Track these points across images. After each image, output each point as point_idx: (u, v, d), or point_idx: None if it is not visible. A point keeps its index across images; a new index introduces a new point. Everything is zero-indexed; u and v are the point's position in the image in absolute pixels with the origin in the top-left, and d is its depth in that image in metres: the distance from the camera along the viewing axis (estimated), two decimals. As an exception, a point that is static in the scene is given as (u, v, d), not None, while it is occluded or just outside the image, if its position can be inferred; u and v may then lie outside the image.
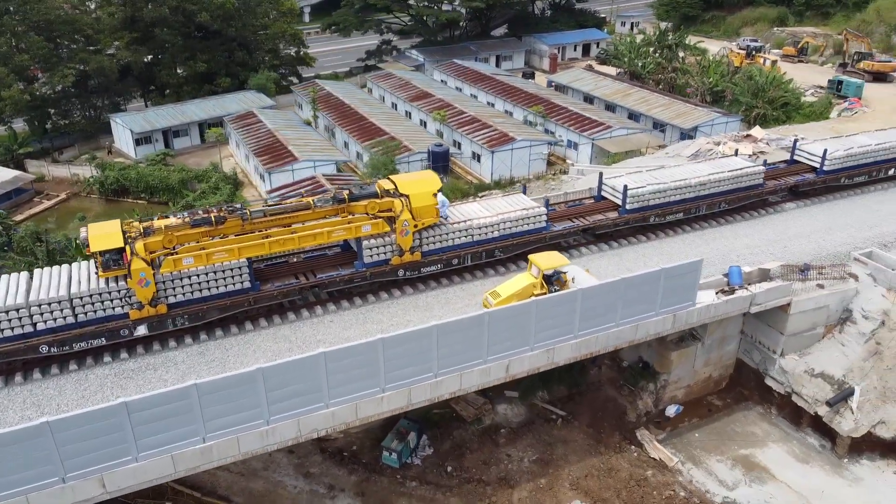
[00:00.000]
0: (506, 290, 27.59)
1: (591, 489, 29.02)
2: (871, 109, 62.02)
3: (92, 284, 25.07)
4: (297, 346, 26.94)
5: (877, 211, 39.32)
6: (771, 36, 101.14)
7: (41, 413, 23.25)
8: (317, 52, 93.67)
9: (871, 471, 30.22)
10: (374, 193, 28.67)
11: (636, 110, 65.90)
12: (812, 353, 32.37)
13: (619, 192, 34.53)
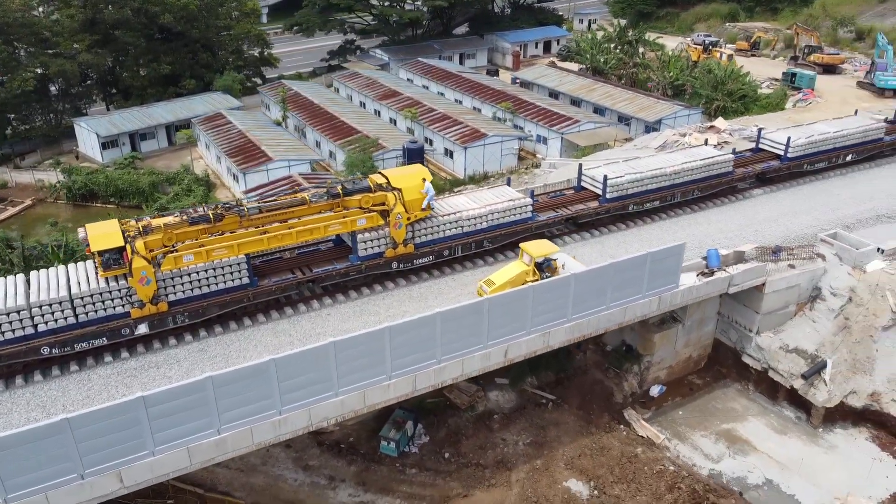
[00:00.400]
0: (500, 278, 28.45)
1: (586, 468, 30.11)
2: (823, 100, 64.85)
3: (92, 284, 25.08)
4: (297, 339, 27.34)
5: (838, 195, 41.40)
6: (723, 31, 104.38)
7: (47, 414, 23.23)
8: (279, 52, 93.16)
9: (845, 438, 32.00)
10: (368, 188, 29.23)
11: (601, 105, 67.55)
12: (785, 330, 34.05)
13: (599, 182, 35.74)
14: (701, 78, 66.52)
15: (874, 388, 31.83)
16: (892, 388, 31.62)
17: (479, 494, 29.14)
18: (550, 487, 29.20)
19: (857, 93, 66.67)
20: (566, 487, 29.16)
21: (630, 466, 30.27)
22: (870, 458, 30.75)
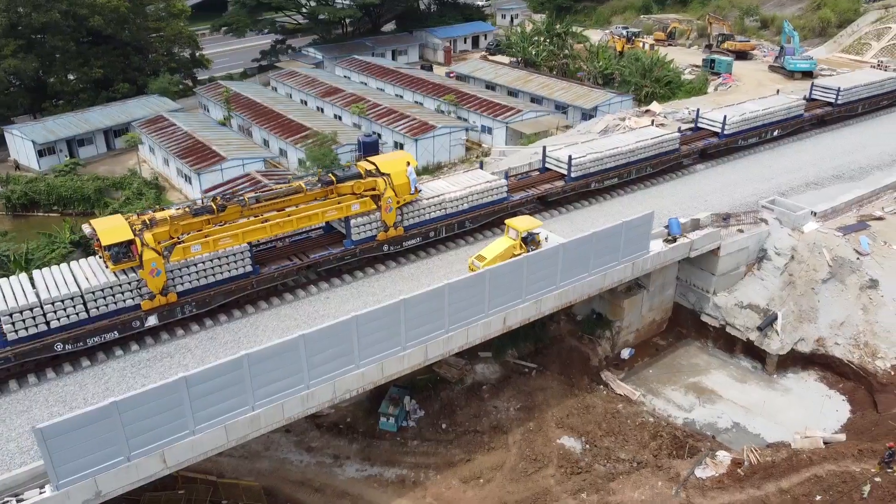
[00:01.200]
0: (490, 253, 30.27)
1: (575, 425, 32.37)
2: (741, 83, 69.92)
3: (101, 279, 25.31)
4: (301, 322, 28.32)
5: (770, 166, 45.44)
6: (639, 23, 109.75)
7: (69, 408, 23.47)
8: (207, 53, 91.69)
9: (797, 381, 35.62)
10: (359, 174, 30.47)
11: (539, 94, 70.44)
12: (738, 289, 37.44)
13: (563, 162, 38.14)
14: (630, 66, 70.42)
15: (819, 334, 35.56)
16: (834, 333, 35.43)
17: (480, 458, 30.92)
18: (546, 445, 31.29)
19: (770, 76, 72.20)
20: (560, 444, 31.33)
21: (614, 421, 32.73)
22: (820, 396, 34.42)
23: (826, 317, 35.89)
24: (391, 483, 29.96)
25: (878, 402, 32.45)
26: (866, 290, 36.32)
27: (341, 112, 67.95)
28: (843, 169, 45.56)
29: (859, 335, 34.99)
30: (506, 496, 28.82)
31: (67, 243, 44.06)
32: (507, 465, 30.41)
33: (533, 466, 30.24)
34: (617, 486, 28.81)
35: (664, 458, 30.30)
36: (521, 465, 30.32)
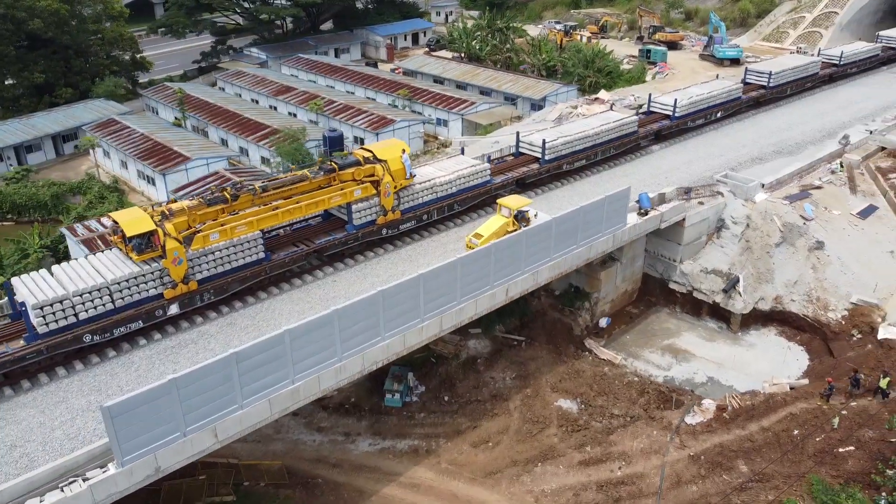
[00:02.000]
0: (486, 231, 32.20)
1: (569, 389, 34.71)
2: (677, 71, 74.31)
3: (126, 270, 25.86)
4: (314, 305, 29.49)
5: (717, 144, 49.15)
6: (570, 17, 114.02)
7: (106, 396, 24.04)
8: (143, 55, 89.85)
9: (759, 337, 39.06)
10: (358, 161, 31.82)
11: (487, 87, 72.77)
12: (701, 257, 40.65)
13: (537, 147, 40.44)
14: (572, 57, 73.66)
15: (776, 292, 39.13)
16: (789, 291, 39.08)
17: (485, 424, 32.84)
18: (545, 408, 33.49)
19: (701, 64, 77.00)
20: (558, 406, 33.59)
21: (603, 382, 35.25)
22: (781, 348, 37.94)
23: (781, 277, 39.53)
24: (405, 453, 31.50)
25: (833, 348, 36.16)
26: (814, 252, 40.18)
27: (296, 110, 68.41)
28: (781, 145, 49.74)
29: (811, 291, 38.75)
30: (515, 455, 30.84)
31: (37, 248, 43.43)
32: (511, 429, 32.46)
33: (536, 427, 32.39)
34: (616, 438, 31.28)
35: (654, 410, 33.01)
36: (524, 427, 32.42)
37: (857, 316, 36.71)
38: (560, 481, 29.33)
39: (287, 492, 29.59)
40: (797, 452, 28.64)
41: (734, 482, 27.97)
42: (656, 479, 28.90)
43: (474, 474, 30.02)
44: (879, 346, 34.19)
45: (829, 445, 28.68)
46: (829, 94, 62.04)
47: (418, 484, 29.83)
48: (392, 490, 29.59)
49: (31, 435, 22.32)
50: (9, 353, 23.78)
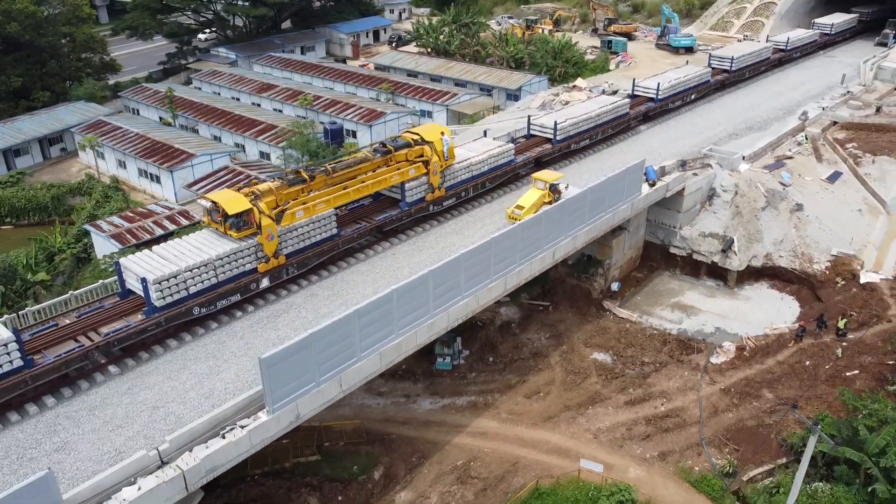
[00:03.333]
0: (526, 202, 35.53)
1: (600, 343, 38.46)
2: (637, 60, 79.41)
3: (227, 246, 27.92)
4: (380, 276, 32.02)
5: (696, 123, 53.92)
6: (520, 12, 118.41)
7: (222, 361, 26.18)
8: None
9: (753, 291, 43.76)
10: (408, 143, 34.58)
11: (462, 79, 76.03)
12: (698, 223, 45.09)
13: (549, 128, 43.94)
14: (541, 49, 77.70)
15: (766, 250, 43.93)
16: (777, 249, 43.95)
17: (532, 378, 36.21)
18: (583, 361, 37.13)
19: (658, 52, 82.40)
20: (594, 358, 37.29)
21: (628, 336, 39.18)
22: (774, 299, 42.74)
23: (769, 236, 44.38)
24: (465, 408, 34.54)
25: (821, 295, 41.12)
26: (795, 213, 45.23)
27: (281, 106, 69.98)
28: (750, 122, 54.95)
29: (796, 248, 43.74)
30: (566, 402, 34.34)
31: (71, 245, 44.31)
32: (557, 380, 35.94)
33: (578, 378, 36.00)
34: (653, 381, 35.19)
35: (679, 356, 37.12)
36: (568, 378, 35.97)
37: (839, 266, 41.83)
38: (611, 419, 33.00)
39: (367, 448, 32.21)
40: (812, 379, 33.18)
41: (763, 407, 32.25)
42: (695, 411, 32.92)
43: (533, 420, 33.35)
44: (863, 289, 39.28)
45: (837, 371, 33.34)
46: (780, 77, 68.09)
47: (485, 432, 32.94)
48: (462, 439, 32.60)
49: (168, 397, 24.31)
50: (132, 327, 25.61)
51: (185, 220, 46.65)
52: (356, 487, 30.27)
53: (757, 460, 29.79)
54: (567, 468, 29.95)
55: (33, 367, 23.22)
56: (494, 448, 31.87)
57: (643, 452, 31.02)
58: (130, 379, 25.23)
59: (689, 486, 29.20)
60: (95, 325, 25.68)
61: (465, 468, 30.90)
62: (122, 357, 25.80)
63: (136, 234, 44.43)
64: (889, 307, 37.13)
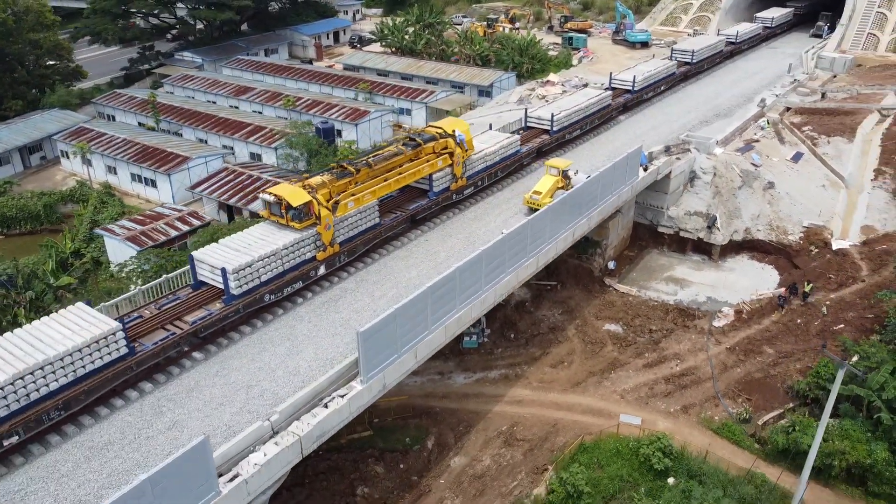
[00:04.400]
0: (542, 188, 38.48)
1: (609, 315, 41.79)
2: (598, 55, 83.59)
3: (290, 237, 29.81)
4: (420, 260, 34.48)
5: (667, 112, 58.09)
6: (472, 11, 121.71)
7: (296, 342, 28.14)
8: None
9: (736, 263, 47.95)
10: (434, 137, 37.03)
11: (434, 77, 78.56)
12: (682, 203, 49.03)
13: (545, 120, 47.07)
14: (507, 47, 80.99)
15: (745, 225, 48.22)
16: (755, 224, 48.29)
17: (554, 350, 39.23)
18: (597, 332, 40.38)
19: (616, 48, 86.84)
20: (606, 329, 40.59)
21: (633, 308, 42.64)
22: (756, 269, 47.00)
23: (746, 213, 48.70)
24: (498, 380, 37.29)
25: (797, 263, 45.57)
26: (767, 190, 49.72)
27: (261, 108, 71.03)
28: (717, 110, 59.51)
29: (771, 222, 48.19)
30: (590, 368, 37.50)
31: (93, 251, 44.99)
32: (577, 350, 39.08)
33: (596, 347, 39.22)
34: (665, 345, 38.72)
35: (683, 322, 40.79)
36: (587, 348, 39.15)
37: (812, 235, 46.43)
38: (633, 381, 36.33)
39: (415, 421, 34.58)
40: (804, 334, 37.32)
41: (766, 361, 36.14)
42: (707, 368, 36.57)
43: (563, 386, 36.38)
44: (835, 255, 43.88)
45: (825, 326, 37.56)
46: (733, 68, 73.32)
47: (521, 400, 35.77)
48: (501, 408, 35.34)
49: (257, 377, 26.18)
50: (215, 315, 27.30)
51: (196, 221, 47.77)
52: (413, 456, 32.66)
53: (768, 406, 33.61)
54: (603, 425, 33.06)
55: (135, 354, 24.74)
56: (533, 413, 34.73)
57: (667, 407, 34.44)
58: (216, 363, 26.94)
59: (712, 433, 32.73)
60: (179, 314, 27.25)
61: (510, 432, 33.66)
62: (202, 344, 27.45)
63: (152, 237, 45.38)
64: (861, 269, 41.76)
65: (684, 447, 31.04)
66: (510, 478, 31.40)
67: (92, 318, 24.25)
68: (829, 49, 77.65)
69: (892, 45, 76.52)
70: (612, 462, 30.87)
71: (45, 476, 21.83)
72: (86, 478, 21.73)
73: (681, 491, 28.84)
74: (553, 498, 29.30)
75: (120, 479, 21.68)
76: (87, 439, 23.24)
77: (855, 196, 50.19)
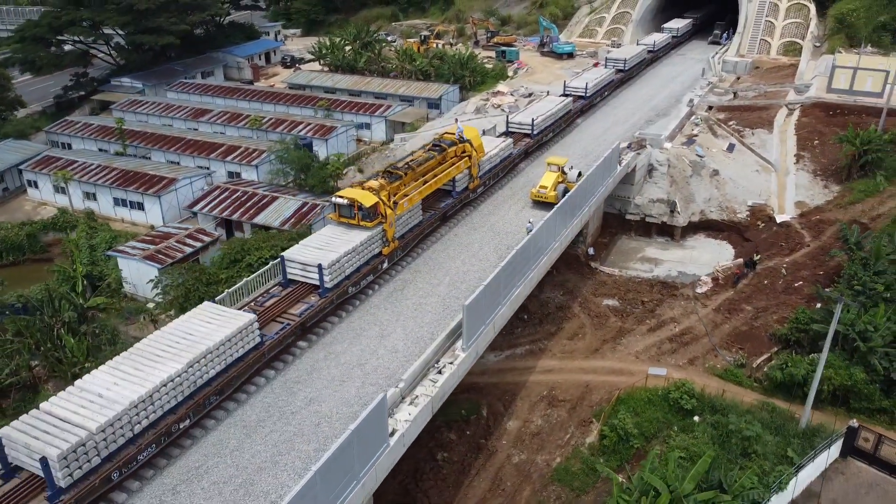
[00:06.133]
0: (547, 182, 43.70)
1: (605, 293, 47.47)
2: (531, 66, 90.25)
3: (363, 235, 33.26)
4: (459, 251, 38.78)
5: (615, 115, 65.02)
6: (395, 29, 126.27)
7: (386, 326, 31.70)
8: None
9: (696, 241, 54.96)
10: (454, 142, 41.39)
11: (383, 92, 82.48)
12: (644, 192, 55.69)
13: (525, 125, 52.46)
14: (449, 61, 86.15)
15: (700, 208, 55.45)
16: (708, 206, 55.60)
17: (567, 325, 44.37)
18: (598, 308, 45.90)
19: (545, 59, 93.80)
20: (605, 304, 46.20)
21: (623, 285, 48.55)
22: (713, 245, 54.17)
23: (699, 197, 55.98)
24: (525, 355, 41.96)
25: (749, 237, 53.12)
26: (714, 177, 57.29)
27: (223, 128, 72.48)
28: (656, 110, 67.11)
29: (721, 203, 55.67)
30: (602, 337, 42.88)
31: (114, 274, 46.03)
32: (586, 324, 44.40)
33: (602, 320, 44.70)
34: (660, 312, 44.73)
35: (668, 293, 47.04)
36: (595, 321, 44.57)
37: (757, 212, 54.19)
38: (642, 343, 42.00)
39: (464, 395, 38.58)
40: (773, 292, 44.35)
41: (748, 316, 42.82)
42: (701, 327, 42.78)
43: (584, 354, 41.54)
44: (780, 227, 51.68)
45: (787, 284, 44.80)
46: (656, 73, 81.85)
47: (550, 369, 40.60)
48: (535, 377, 40.02)
49: (364, 356, 29.62)
50: (315, 307, 30.44)
51: (206, 238, 49.61)
52: (474, 424, 36.72)
53: (757, 352, 40.12)
54: (629, 381, 38.41)
55: (264, 343, 27.60)
56: (565, 378, 39.63)
57: (676, 361, 40.29)
58: (321, 349, 30.12)
59: (718, 378, 38.79)
60: (284, 308, 30.19)
61: (550, 396, 38.39)
62: (303, 334, 30.48)
63: (169, 254, 46.93)
64: (804, 237, 49.60)
65: (703, 390, 36.86)
66: (562, 432, 36.12)
67: (225, 313, 26.95)
68: (731, 54, 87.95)
69: (782, 49, 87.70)
70: (646, 409, 36.21)
71: (216, 452, 24.50)
72: (254, 450, 24.58)
73: (709, 424, 34.54)
74: (607, 442, 34.29)
75: (283, 447, 24.71)
76: (238, 420, 25.99)
77: (783, 178, 58.62)
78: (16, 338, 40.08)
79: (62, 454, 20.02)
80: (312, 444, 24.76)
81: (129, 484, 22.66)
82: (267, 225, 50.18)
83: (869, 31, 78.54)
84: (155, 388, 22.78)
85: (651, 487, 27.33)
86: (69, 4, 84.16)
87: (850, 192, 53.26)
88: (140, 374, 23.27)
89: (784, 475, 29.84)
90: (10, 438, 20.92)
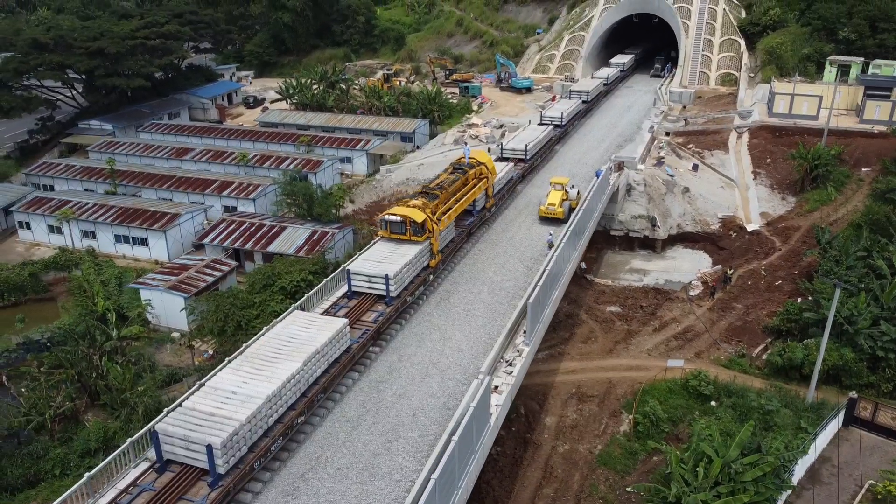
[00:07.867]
0: (553, 200, 47.70)
1: (606, 301, 51.52)
2: (494, 101, 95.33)
3: (414, 249, 36.09)
4: (488, 263, 41.97)
5: (588, 140, 70.23)
6: (350, 69, 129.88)
7: (445, 330, 34.49)
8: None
9: (675, 252, 59.98)
10: (472, 165, 44.92)
11: (356, 128, 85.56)
12: (626, 210, 60.59)
13: (519, 150, 56.66)
14: (418, 97, 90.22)
15: (676, 222, 60.68)
16: (683, 220, 60.91)
17: (578, 330, 48.03)
18: (602, 314, 49.85)
19: (505, 94, 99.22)
20: (609, 311, 50.20)
21: (620, 293, 52.78)
22: (692, 254, 59.31)
23: (675, 212, 61.26)
24: (546, 359, 45.25)
25: (723, 245, 58.51)
26: (685, 194, 62.82)
27: (208, 166, 73.82)
28: (622, 136, 72.77)
29: (695, 217, 61.10)
30: (613, 339, 46.73)
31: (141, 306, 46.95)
32: (595, 329, 48.21)
33: (608, 326, 48.62)
34: (661, 314, 49.03)
35: (664, 297, 51.50)
36: (603, 325, 48.44)
37: (728, 223, 59.80)
38: (651, 342, 46.05)
39: (500, 397, 41.41)
40: (758, 290, 49.40)
41: (740, 313, 47.59)
42: (700, 325, 47.24)
43: (600, 355, 45.21)
44: (751, 235, 57.29)
45: (769, 283, 50.00)
46: (612, 104, 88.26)
47: (573, 370, 44.02)
48: (561, 378, 43.33)
49: (433, 357, 32.25)
50: (384, 314, 32.99)
51: (225, 268, 51.13)
52: (515, 421, 39.57)
53: (755, 343, 44.78)
54: (647, 375, 42.22)
55: (352, 346, 29.96)
56: (588, 377, 43.11)
57: (684, 356, 44.43)
58: (393, 352, 32.61)
59: (724, 368, 43.10)
60: (358, 316, 32.58)
61: (579, 393, 41.73)
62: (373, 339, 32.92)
63: (193, 284, 48.23)
64: (775, 242, 55.29)
65: (716, 377, 41.01)
66: (597, 423, 39.44)
67: (318, 319, 29.25)
68: (675, 85, 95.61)
69: (720, 80, 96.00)
70: (669, 397, 40.05)
71: (329, 444, 26.64)
72: (365, 440, 26.84)
73: (728, 406, 38.59)
74: (641, 428, 37.80)
75: (391, 436, 27.06)
76: (340, 416, 28.18)
77: (745, 192, 64.78)
78: (54, 370, 40.75)
79: (224, 441, 21.93)
80: (415, 431, 27.19)
81: (261, 475, 24.53)
82: (281, 252, 52.13)
83: (796, 62, 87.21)
84: (283, 383, 24.88)
85: (704, 455, 30.89)
86: (34, 49, 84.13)
87: (807, 202, 59.62)
88: (264, 373, 25.32)
89: (806, 440, 34.01)
90: (165, 433, 22.62)
